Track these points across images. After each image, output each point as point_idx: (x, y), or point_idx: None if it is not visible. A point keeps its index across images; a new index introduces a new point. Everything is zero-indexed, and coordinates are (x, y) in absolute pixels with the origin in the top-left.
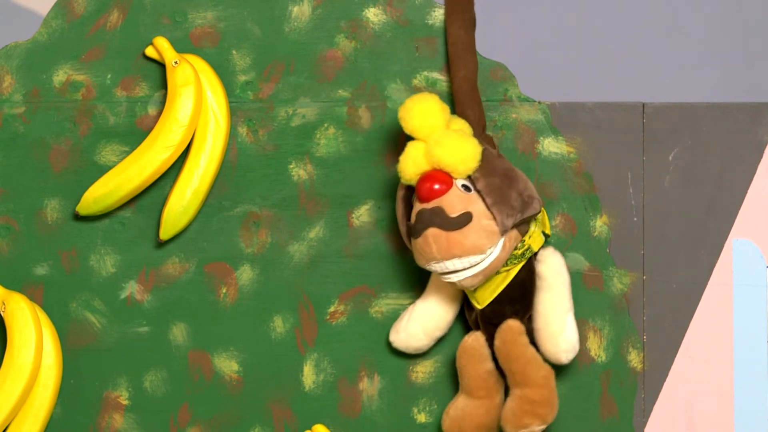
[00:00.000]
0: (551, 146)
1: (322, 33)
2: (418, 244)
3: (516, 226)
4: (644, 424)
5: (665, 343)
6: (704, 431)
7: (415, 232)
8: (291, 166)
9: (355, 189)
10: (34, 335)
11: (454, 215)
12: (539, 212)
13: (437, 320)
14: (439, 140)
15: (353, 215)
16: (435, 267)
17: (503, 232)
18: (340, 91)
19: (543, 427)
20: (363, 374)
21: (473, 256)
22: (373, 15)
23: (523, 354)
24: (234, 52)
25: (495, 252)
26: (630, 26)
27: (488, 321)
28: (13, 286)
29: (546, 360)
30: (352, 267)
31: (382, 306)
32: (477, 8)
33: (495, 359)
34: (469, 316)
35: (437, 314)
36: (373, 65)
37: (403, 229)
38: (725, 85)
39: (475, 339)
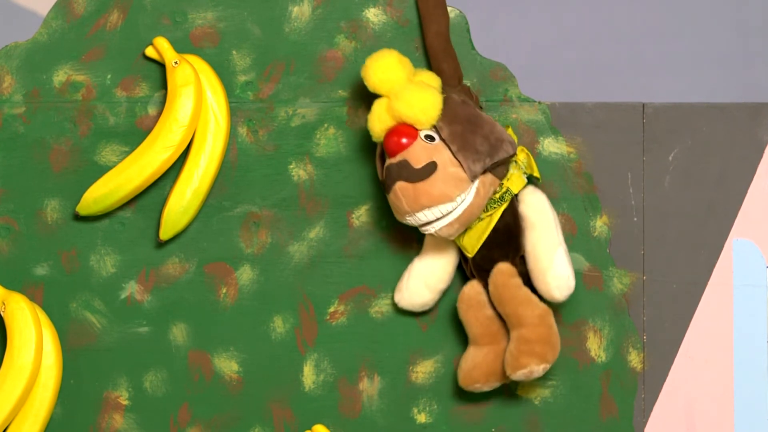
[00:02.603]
0: (551, 146)
1: (322, 33)
2: (390, 199)
3: (490, 170)
4: (644, 424)
5: (665, 343)
6: (704, 431)
7: (386, 187)
8: (291, 166)
9: (355, 189)
10: (34, 335)
11: (419, 166)
12: (512, 154)
13: (437, 273)
14: (398, 94)
15: (353, 215)
16: (409, 220)
17: (473, 177)
18: (340, 91)
19: (543, 366)
20: (363, 374)
21: (442, 205)
22: (373, 15)
23: (515, 295)
24: (234, 52)
25: (468, 199)
26: (630, 26)
27: (481, 268)
28: (13, 286)
29: (544, 300)
30: (352, 267)
31: (382, 306)
32: (477, 8)
33: (493, 305)
34: (465, 268)
35: (436, 267)
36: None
37: (382, 187)
38: (725, 85)
39: (472, 287)
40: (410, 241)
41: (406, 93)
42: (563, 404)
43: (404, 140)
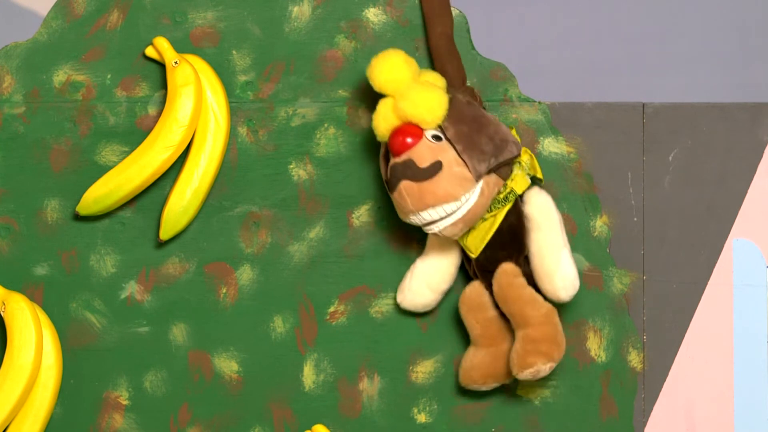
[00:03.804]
0: (551, 146)
1: (322, 33)
2: (395, 199)
3: (494, 170)
4: (644, 424)
5: (665, 343)
6: (704, 431)
7: (390, 186)
8: (291, 166)
9: (355, 189)
10: (34, 335)
11: (424, 166)
12: (517, 155)
13: (440, 274)
14: (404, 93)
15: (353, 215)
16: (414, 219)
17: (477, 177)
18: (340, 91)
19: (549, 365)
20: (363, 374)
21: (447, 205)
22: (373, 15)
23: (520, 295)
24: (234, 52)
25: (472, 198)
26: (630, 26)
27: (484, 269)
28: (13, 286)
29: (548, 300)
30: (352, 267)
31: (382, 306)
32: (477, 8)
33: (498, 307)
34: (469, 268)
35: (439, 268)
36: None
37: (386, 187)
38: (725, 85)
39: (474, 289)
40: (411, 241)
41: (412, 93)
42: (563, 404)
43: (409, 140)
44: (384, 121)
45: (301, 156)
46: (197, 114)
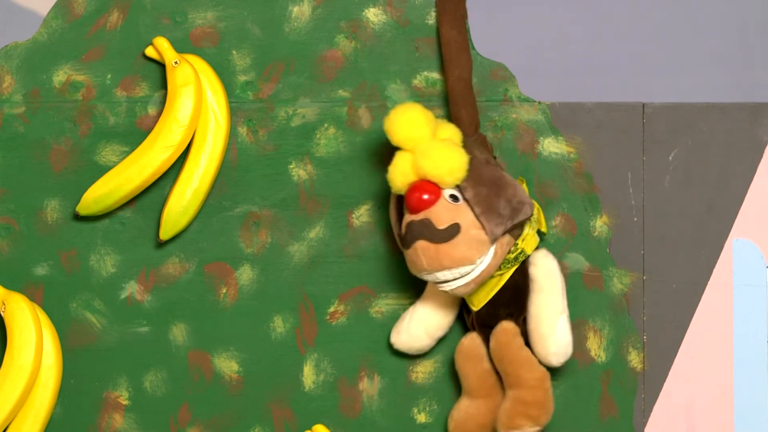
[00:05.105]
0: (551, 146)
1: (322, 33)
2: (409, 256)
3: (507, 231)
4: (644, 424)
5: (665, 343)
6: (704, 431)
7: (405, 243)
8: (291, 166)
9: (355, 189)
10: (34, 335)
11: (442, 227)
12: (531, 216)
13: (438, 321)
14: (425, 152)
15: (353, 215)
16: (427, 277)
17: (493, 240)
18: (340, 91)
19: (536, 429)
20: (363, 374)
21: (463, 267)
22: (373, 15)
23: (517, 356)
24: (234, 52)
25: (486, 260)
26: (630, 26)
27: (483, 323)
28: (13, 286)
29: (542, 362)
30: (352, 267)
31: (382, 306)
32: (477, 8)
33: (492, 360)
34: (466, 318)
35: (438, 315)
36: (373, 65)
37: (396, 237)
38: (725, 85)
39: (471, 340)
40: None
41: (433, 152)
42: (563, 404)
43: (426, 197)
44: (402, 176)
45: (301, 156)
46: (197, 114)
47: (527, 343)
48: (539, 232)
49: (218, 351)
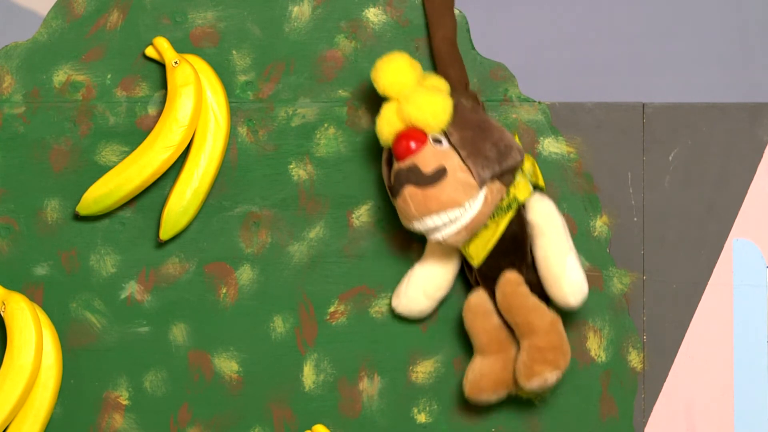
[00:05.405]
0: (551, 146)
1: (322, 33)
2: (398, 204)
3: (498, 177)
4: (644, 424)
5: (665, 343)
6: (704, 431)
7: (394, 192)
8: (291, 166)
9: (355, 189)
10: (34, 335)
11: (428, 171)
12: (520, 162)
13: (437, 281)
14: (408, 97)
15: (353, 215)
16: (417, 226)
17: (481, 183)
18: (340, 91)
19: (557, 374)
20: (363, 374)
21: (451, 211)
22: (373, 15)
23: (524, 304)
24: (234, 52)
25: (475, 206)
26: (630, 26)
27: (487, 277)
28: (13, 286)
29: (553, 307)
30: (352, 267)
31: (382, 306)
32: (477, 8)
33: (501, 314)
34: (469, 276)
35: (436, 275)
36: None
37: (387, 190)
38: (725, 85)
39: (478, 296)
40: (410, 241)
41: (416, 96)
42: (563, 404)
43: (413, 144)
44: (388, 125)
45: (301, 156)
46: (197, 114)
47: (534, 291)
48: (537, 186)
49: (218, 351)
